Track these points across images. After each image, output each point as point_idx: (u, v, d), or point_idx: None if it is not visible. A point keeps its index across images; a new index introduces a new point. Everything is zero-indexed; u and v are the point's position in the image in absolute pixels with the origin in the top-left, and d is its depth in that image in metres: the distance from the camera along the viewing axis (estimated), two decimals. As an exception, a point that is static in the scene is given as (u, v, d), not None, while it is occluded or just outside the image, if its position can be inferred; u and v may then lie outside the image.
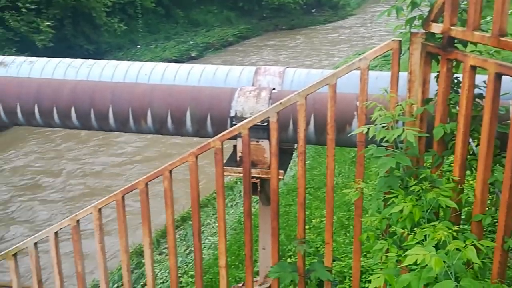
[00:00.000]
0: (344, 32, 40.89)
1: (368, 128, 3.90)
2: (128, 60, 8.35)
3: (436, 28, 3.93)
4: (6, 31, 25.53)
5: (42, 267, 5.50)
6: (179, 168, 5.01)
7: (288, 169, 11.56)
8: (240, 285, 6.37)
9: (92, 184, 18.38)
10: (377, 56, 4.37)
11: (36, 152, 21.81)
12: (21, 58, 6.11)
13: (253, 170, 5.03)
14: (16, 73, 5.89)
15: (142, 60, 26.35)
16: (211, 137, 4.80)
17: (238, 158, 5.27)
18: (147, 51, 32.21)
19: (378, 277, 3.39)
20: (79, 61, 6.06)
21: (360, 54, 3.87)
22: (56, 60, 6.02)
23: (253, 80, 5.73)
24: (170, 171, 4.90)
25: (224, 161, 4.99)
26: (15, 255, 5.42)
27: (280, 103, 4.52)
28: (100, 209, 5.15)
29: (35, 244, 5.35)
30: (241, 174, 4.86)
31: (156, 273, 12.80)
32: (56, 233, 5.27)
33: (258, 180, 5.20)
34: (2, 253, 5.54)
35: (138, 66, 6.04)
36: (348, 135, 4.99)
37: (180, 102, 5.45)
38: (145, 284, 12.70)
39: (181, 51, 32.47)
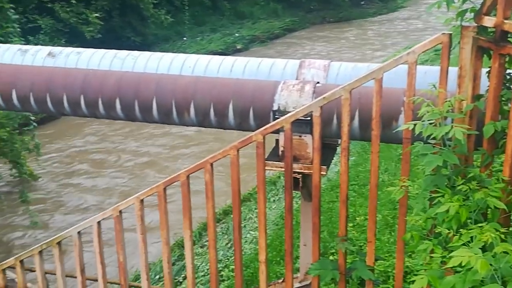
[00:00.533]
0: (395, 24, 40.10)
1: (415, 125, 3.78)
2: (174, 52, 8.40)
3: (489, 21, 3.77)
4: (56, 22, 26.18)
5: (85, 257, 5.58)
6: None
7: (333, 165, 11.42)
8: (280, 281, 6.31)
9: (147, 171, 18.81)
10: (426, 50, 4.22)
11: (86, 141, 22.32)
12: (69, 49, 6.21)
13: (295, 165, 4.96)
14: (64, 63, 5.99)
15: (188, 52, 26.49)
16: (253, 131, 4.75)
17: (280, 153, 5.20)
18: (193, 43, 32.43)
19: (422, 278, 3.29)
20: (124, 52, 6.11)
21: (409, 48, 3.75)
22: (102, 51, 6.09)
23: (297, 73, 5.65)
24: (211, 164, 4.88)
25: (266, 156, 4.94)
26: (59, 243, 5.53)
27: (324, 97, 4.43)
28: (142, 200, 5.18)
29: (79, 233, 5.44)
30: (283, 169, 4.80)
31: (198, 265, 12.89)
32: (99, 222, 5.33)
33: (300, 175, 5.12)
34: (47, 240, 5.66)
35: (183, 58, 6.04)
36: (394, 131, 4.86)
37: (223, 94, 5.42)
38: (185, 277, 12.85)
39: (227, 44, 32.56)
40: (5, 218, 16.37)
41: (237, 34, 34.26)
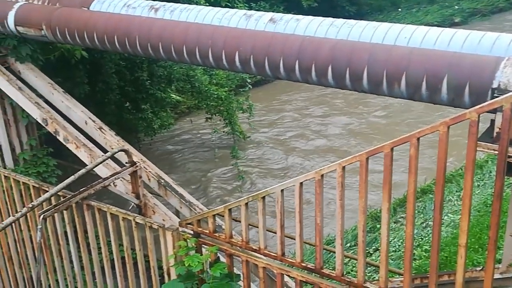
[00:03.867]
0: None
1: None
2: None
3: None
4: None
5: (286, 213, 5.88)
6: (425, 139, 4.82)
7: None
8: (478, 268, 5.98)
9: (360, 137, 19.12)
10: None
11: (294, 106, 23.23)
12: (288, 16, 6.47)
13: (510, 149, 4.60)
14: (283, 29, 6.27)
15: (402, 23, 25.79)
16: (466, 108, 4.50)
17: (495, 134, 4.86)
18: (408, 14, 31.40)
19: None
20: (341, 21, 6.18)
21: None
22: (319, 18, 6.24)
23: (525, 50, 5.18)
24: (418, 139, 4.76)
25: (479, 136, 4.66)
26: (263, 197, 5.90)
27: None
28: (344, 167, 5.27)
29: (282, 190, 5.74)
30: (496, 152, 4.48)
31: (389, 240, 12.77)
32: (301, 183, 5.57)
33: (516, 160, 4.74)
34: (252, 194, 6.08)
35: (399, 29, 5.92)
36: None
37: (437, 68, 5.21)
38: (376, 249, 12.83)
39: (444, 16, 30.89)
40: (217, 169, 17.98)
41: (456, 7, 32.21)
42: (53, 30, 8.14)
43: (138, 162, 7.94)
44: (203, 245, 6.56)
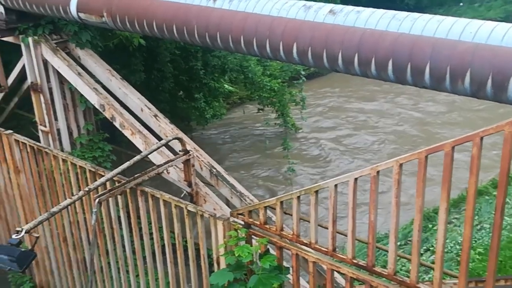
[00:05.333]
0: None
1: None
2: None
3: None
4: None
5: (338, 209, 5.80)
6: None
7: None
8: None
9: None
10: None
11: (347, 99, 22.96)
12: (349, 7, 6.33)
13: None
14: (343, 21, 6.14)
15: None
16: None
17: None
18: (469, 9, 30.49)
19: None
20: (403, 13, 6.00)
21: None
22: (381, 11, 6.07)
23: None
24: (482, 138, 4.58)
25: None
26: (316, 191, 5.83)
27: None
28: (401, 164, 5.14)
29: (336, 185, 5.66)
30: None
31: (442, 240, 12.42)
32: (356, 179, 5.47)
33: None
34: (305, 187, 6.02)
35: (464, 23, 5.68)
36: None
37: (505, 65, 4.99)
38: (427, 249, 12.57)
39: (508, 12, 29.83)
40: (267, 160, 17.99)
41: (523, 1, 31.02)
42: (114, 17, 8.27)
43: (192, 150, 8.00)
44: (253, 236, 6.55)
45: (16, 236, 5.99)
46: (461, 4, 30.97)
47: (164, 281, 7.72)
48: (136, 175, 7.13)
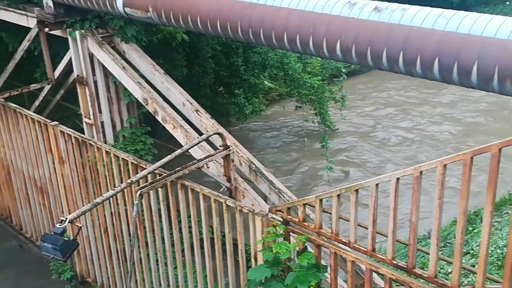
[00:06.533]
0: None
1: None
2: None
3: None
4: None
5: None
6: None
7: None
8: None
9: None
10: None
11: (387, 98, 22.67)
12: (394, 5, 6.23)
13: None
14: (388, 19, 6.05)
15: (509, 18, 24.38)
16: None
17: None
18: (516, 8, 29.63)
19: None
20: (450, 11, 5.87)
21: None
22: (427, 9, 5.96)
23: None
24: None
25: None
26: (357, 190, 5.79)
27: None
28: (445, 165, 5.06)
29: (377, 185, 5.61)
30: None
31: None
32: (398, 179, 5.41)
33: None
34: (345, 186, 5.98)
35: (514, 22, 5.53)
36: None
37: (557, 66, 4.84)
38: (467, 252, 12.30)
39: (557, 11, 28.83)
40: (305, 158, 17.94)
41: None
42: (159, 13, 8.37)
43: (231, 146, 8.05)
44: (291, 233, 6.56)
45: (59, 225, 6.15)
46: (508, 3, 30.12)
47: (202, 274, 7.80)
48: (176, 169, 7.22)
